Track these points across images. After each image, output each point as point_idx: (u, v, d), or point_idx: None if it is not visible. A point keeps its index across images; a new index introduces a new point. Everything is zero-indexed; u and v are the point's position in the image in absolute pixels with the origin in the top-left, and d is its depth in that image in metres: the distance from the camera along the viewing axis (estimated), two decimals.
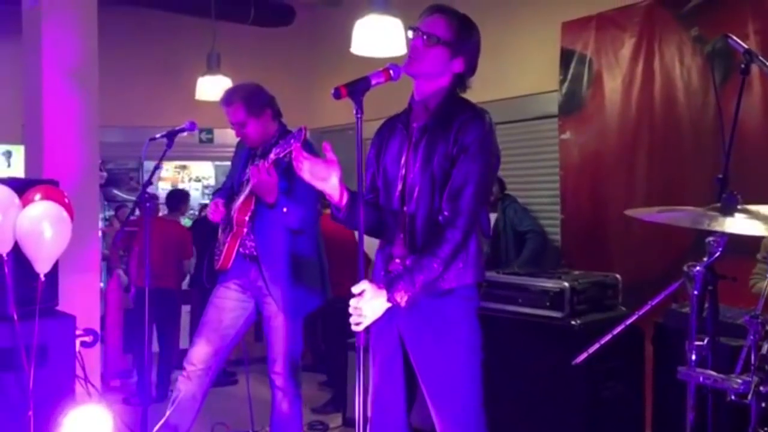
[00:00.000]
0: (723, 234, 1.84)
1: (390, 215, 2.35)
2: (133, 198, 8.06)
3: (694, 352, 1.88)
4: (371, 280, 2.14)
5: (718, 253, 1.86)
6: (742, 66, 2.06)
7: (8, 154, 7.62)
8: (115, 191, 8.52)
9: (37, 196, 3.21)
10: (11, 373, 3.22)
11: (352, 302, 2.09)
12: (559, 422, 2.93)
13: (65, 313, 3.55)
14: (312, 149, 3.04)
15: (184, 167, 8.96)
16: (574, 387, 2.87)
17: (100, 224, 8.40)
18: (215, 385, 4.93)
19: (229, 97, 3.21)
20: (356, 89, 2.05)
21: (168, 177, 9.09)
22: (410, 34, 2.32)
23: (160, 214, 6.62)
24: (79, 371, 3.67)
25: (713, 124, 4.11)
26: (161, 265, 5.79)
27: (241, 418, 3.79)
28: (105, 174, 8.15)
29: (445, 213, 2.18)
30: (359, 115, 2.05)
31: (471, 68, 2.36)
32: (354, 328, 2.08)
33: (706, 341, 1.90)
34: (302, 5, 7.42)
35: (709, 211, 1.90)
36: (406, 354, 2.34)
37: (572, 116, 5.08)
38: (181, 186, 8.41)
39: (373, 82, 2.09)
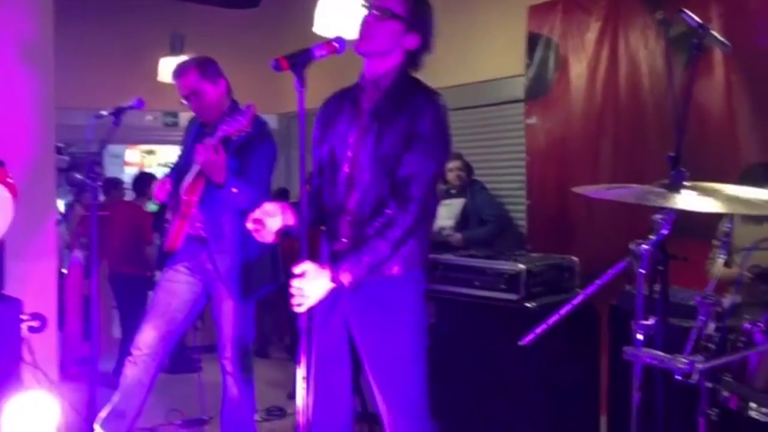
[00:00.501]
0: (671, 211, 1.80)
1: (335, 195, 2.29)
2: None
3: (640, 331, 1.84)
4: (315, 260, 2.07)
5: (665, 231, 1.82)
6: (695, 41, 2.02)
7: None
8: (77, 175, 8.35)
9: None
10: None
11: (294, 283, 2.02)
12: (515, 405, 2.90)
13: (10, 296, 3.45)
14: (262, 127, 2.96)
15: (150, 152, 8.81)
16: (530, 370, 2.83)
17: (62, 208, 8.26)
18: (178, 372, 4.88)
19: (181, 67, 3.10)
20: (298, 61, 1.97)
21: (134, 162, 8.94)
22: (363, 10, 2.23)
23: (127, 198, 6.50)
24: (28, 357, 3.57)
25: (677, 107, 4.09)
26: (125, 250, 5.68)
27: (199, 405, 3.71)
28: (67, 158, 7.96)
29: (398, 198, 2.12)
30: (301, 89, 1.97)
31: (425, 46, 2.28)
32: (295, 309, 2.02)
33: (653, 321, 1.86)
34: None
35: (656, 187, 1.86)
36: (352, 337, 2.28)
37: (538, 101, 5.04)
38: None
39: (316, 54, 2.01)
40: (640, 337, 1.86)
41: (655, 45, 4.35)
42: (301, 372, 1.96)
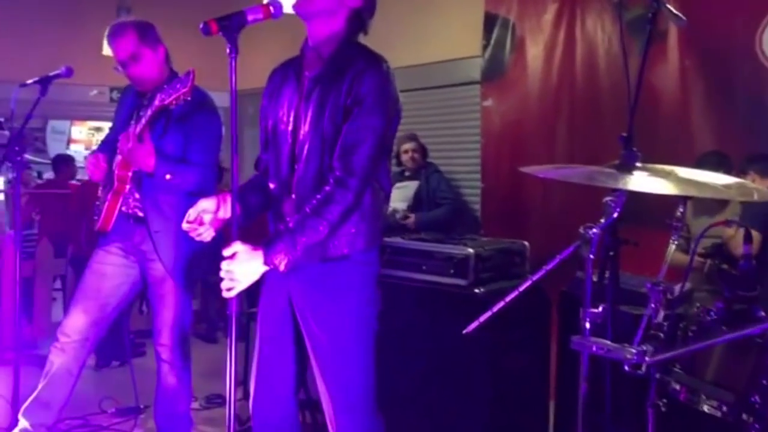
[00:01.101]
0: (621, 193, 1.71)
1: (279, 173, 2.14)
2: (40, 159, 7.59)
3: (587, 319, 1.75)
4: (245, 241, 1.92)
5: (615, 214, 1.73)
6: (650, 14, 1.93)
7: None
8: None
9: None
10: None
11: (223, 265, 1.88)
12: (462, 393, 2.80)
13: None
14: (203, 97, 2.79)
15: (98, 129, 8.51)
16: (477, 358, 2.74)
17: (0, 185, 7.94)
18: (119, 358, 4.68)
19: (117, 28, 2.87)
20: (230, 25, 1.82)
21: (81, 139, 8.65)
22: None
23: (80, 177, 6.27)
24: None
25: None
26: (76, 229, 5.45)
27: (134, 393, 3.54)
28: (7, 133, 7.64)
29: (336, 172, 1.97)
30: (233, 55, 1.82)
31: (370, 5, 2.14)
32: (225, 294, 1.88)
33: (601, 308, 1.77)
34: None
35: (606, 168, 1.76)
36: (297, 322, 2.15)
37: (494, 83, 4.95)
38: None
39: (250, 18, 1.86)
40: (587, 325, 1.77)
41: (612, 28, 4.30)
42: (229, 361, 1.83)
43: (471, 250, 2.79)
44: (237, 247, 1.88)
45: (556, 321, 3.05)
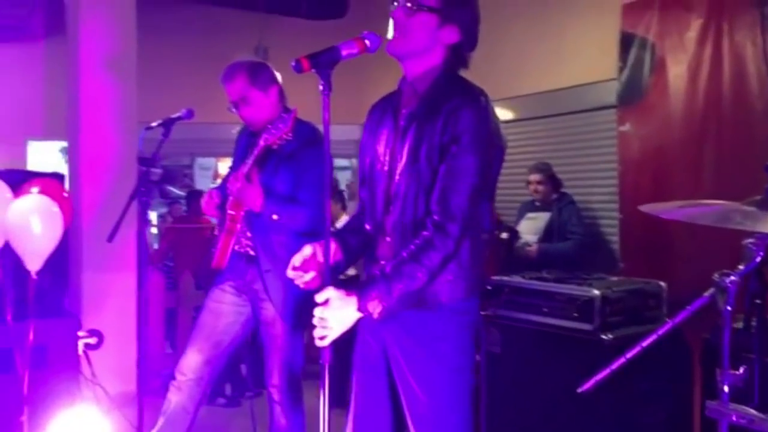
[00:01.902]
0: (763, 234, 1.45)
1: (374, 214, 2.04)
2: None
3: (726, 382, 1.49)
4: (340, 287, 1.82)
5: (759, 258, 1.47)
6: None
7: (66, 151, 7.68)
8: (170, 188, 8.51)
9: (34, 190, 3.05)
10: (7, 375, 3.08)
11: (316, 312, 1.79)
12: None
13: (69, 313, 3.41)
14: (310, 134, 2.75)
15: None
16: (603, 411, 2.47)
17: (154, 220, 8.43)
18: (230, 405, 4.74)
19: (230, 70, 2.90)
20: (321, 61, 1.75)
21: (224, 175, 9.03)
22: (393, 4, 1.98)
23: None
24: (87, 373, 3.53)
25: None
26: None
27: None
28: (159, 170, 8.13)
29: (435, 216, 1.85)
30: (326, 92, 1.74)
31: (468, 39, 2.00)
32: (318, 342, 1.78)
33: (743, 370, 1.51)
34: None
35: (745, 205, 1.51)
36: (392, 373, 2.02)
37: (632, 106, 4.65)
38: None
39: (344, 53, 1.78)
40: (726, 389, 1.51)
41: (764, 43, 3.89)
42: (323, 413, 1.73)
43: (596, 292, 2.55)
44: (330, 292, 1.78)
45: (698, 371, 2.72)
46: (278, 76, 2.98)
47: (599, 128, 4.97)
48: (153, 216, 8.47)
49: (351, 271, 4.27)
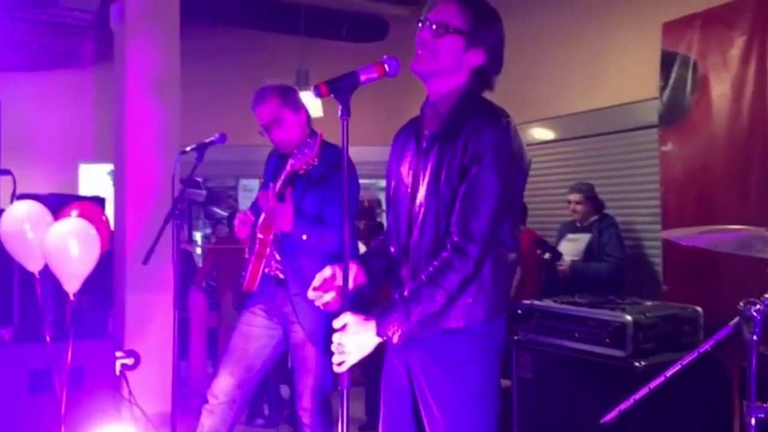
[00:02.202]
0: None
1: (399, 237, 2.03)
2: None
3: (752, 416, 1.44)
4: (358, 311, 1.81)
5: None
6: None
7: (113, 173, 7.88)
8: (215, 209, 8.63)
9: (74, 213, 3.13)
10: (46, 395, 3.15)
11: (334, 338, 1.78)
12: None
13: (107, 333, 3.47)
14: (335, 156, 2.76)
15: None
16: None
17: (199, 241, 8.55)
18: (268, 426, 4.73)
19: (261, 93, 2.93)
20: (340, 86, 1.75)
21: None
22: (418, 25, 1.98)
23: None
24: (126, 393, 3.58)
25: None
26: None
27: None
28: (204, 192, 8.26)
29: (454, 237, 1.82)
30: (344, 118, 1.75)
31: (494, 62, 1.99)
32: (336, 369, 1.77)
33: None
34: (395, 18, 7.23)
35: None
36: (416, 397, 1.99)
37: (674, 126, 4.56)
38: None
39: (363, 78, 1.78)
40: (753, 422, 1.46)
41: None
42: None
43: (629, 317, 2.48)
44: (347, 318, 1.77)
45: (738, 399, 2.63)
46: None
47: (641, 148, 4.90)
48: (198, 237, 8.61)
49: None
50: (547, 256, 4.62)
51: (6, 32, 5.31)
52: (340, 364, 1.76)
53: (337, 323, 1.77)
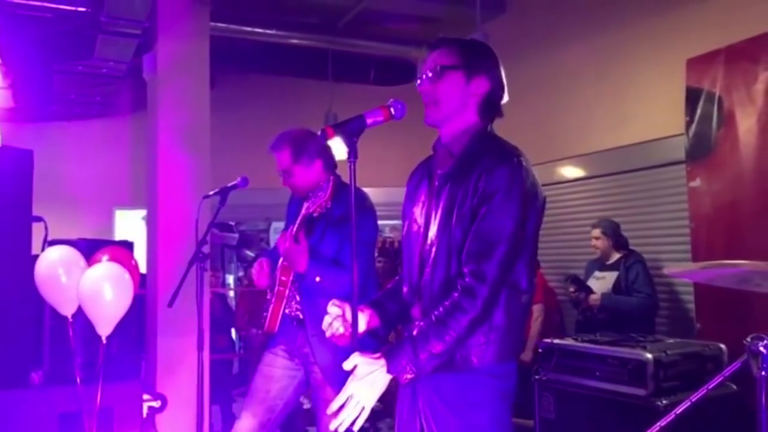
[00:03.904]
0: None
1: (411, 277, 2.04)
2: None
3: None
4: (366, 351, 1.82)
5: None
6: None
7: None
8: (247, 251, 8.73)
9: (104, 257, 3.20)
10: None
11: (344, 390, 1.77)
12: None
13: (135, 376, 3.52)
14: (357, 198, 2.79)
15: None
16: None
17: (232, 284, 8.64)
18: None
19: (277, 141, 3.02)
20: (346, 130, 1.79)
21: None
22: (417, 83, 2.03)
23: None
24: None
25: None
26: None
27: None
28: (237, 235, 8.38)
29: (466, 278, 1.82)
30: (351, 160, 1.78)
31: (498, 85, 2.00)
32: (354, 428, 1.76)
33: None
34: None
35: None
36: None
37: (702, 161, 4.52)
38: None
39: (369, 121, 1.83)
40: None
41: None
42: None
43: (649, 355, 2.45)
44: (356, 359, 1.78)
45: None
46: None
47: (669, 184, 4.85)
48: (230, 280, 8.70)
49: None
50: (572, 289, 4.60)
51: (44, 84, 5.51)
52: (354, 420, 1.75)
53: (347, 365, 1.78)
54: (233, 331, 6.82)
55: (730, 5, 4.44)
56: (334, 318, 2.01)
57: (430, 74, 1.97)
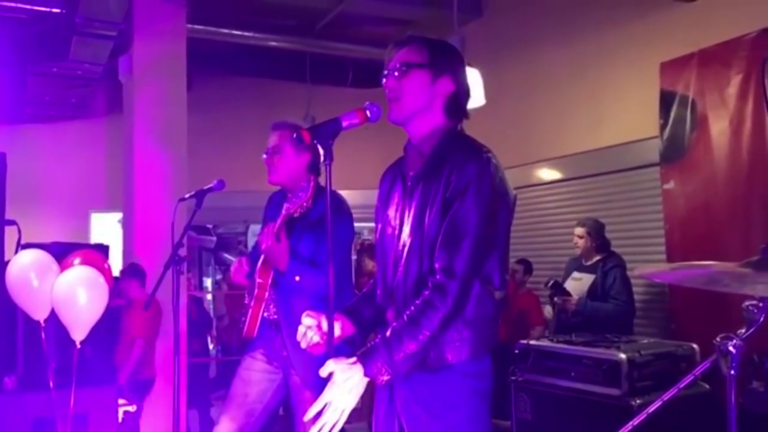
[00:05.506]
0: (765, 297, 1.41)
1: (385, 279, 2.04)
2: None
3: None
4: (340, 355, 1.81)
5: (761, 320, 1.42)
6: None
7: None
8: (225, 255, 8.69)
9: (76, 261, 3.18)
10: None
11: (321, 398, 1.76)
12: None
13: (109, 381, 3.49)
14: (333, 200, 2.79)
15: None
16: None
17: (209, 287, 8.59)
18: None
19: (279, 123, 3.01)
20: (321, 133, 1.79)
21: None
22: (383, 81, 2.03)
23: None
24: None
25: None
26: None
27: None
28: (214, 238, 8.34)
29: (436, 275, 1.82)
30: (327, 162, 1.79)
31: (463, 86, 2.01)
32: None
33: None
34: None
35: (741, 267, 1.47)
36: None
37: (676, 164, 4.58)
38: None
39: (345, 123, 1.83)
40: None
41: None
42: None
43: (623, 355, 2.47)
44: (331, 365, 1.77)
45: None
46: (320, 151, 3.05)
47: (643, 186, 4.91)
48: (208, 283, 8.65)
49: None
50: (557, 299, 4.60)
51: (18, 86, 5.45)
52: (333, 426, 1.74)
53: (323, 371, 1.77)
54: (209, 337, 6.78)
55: (702, 10, 4.50)
56: (308, 328, 2.00)
57: (396, 72, 1.97)
